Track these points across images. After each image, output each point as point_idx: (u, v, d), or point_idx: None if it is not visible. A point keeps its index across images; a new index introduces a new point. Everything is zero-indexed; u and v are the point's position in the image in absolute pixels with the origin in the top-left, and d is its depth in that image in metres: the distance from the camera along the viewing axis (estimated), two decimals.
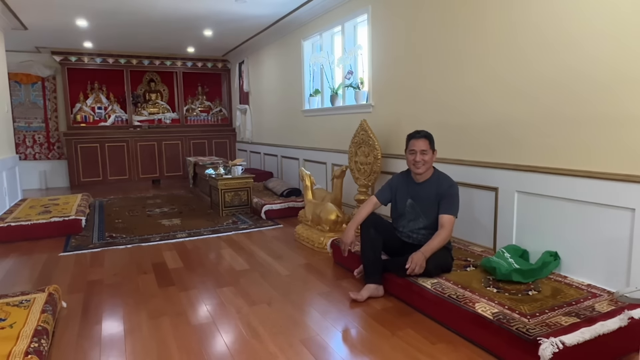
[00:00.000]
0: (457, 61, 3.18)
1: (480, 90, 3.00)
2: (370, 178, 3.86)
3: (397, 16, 3.78)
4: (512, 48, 2.75)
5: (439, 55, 3.33)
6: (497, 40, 2.84)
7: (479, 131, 3.04)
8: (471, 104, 3.09)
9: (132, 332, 2.24)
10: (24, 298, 2.33)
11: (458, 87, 3.19)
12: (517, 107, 2.74)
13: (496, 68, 2.86)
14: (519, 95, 2.72)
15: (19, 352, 1.74)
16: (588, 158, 2.37)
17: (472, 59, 3.05)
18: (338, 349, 2.08)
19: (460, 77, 3.16)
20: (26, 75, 7.51)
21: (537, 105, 2.61)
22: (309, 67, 5.43)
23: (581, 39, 2.36)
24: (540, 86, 2.59)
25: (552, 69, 2.51)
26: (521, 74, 2.70)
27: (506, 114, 2.82)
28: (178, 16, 5.38)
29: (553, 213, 2.58)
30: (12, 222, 4.15)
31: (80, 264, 3.40)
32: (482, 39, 2.95)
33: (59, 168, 7.85)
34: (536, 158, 2.65)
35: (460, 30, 3.13)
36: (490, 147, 2.96)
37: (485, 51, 2.93)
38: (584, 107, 2.37)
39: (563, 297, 2.16)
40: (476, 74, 3.02)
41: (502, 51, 2.82)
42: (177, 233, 4.26)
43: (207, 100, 8.99)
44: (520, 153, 2.75)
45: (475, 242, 3.13)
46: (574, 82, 2.41)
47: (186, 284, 2.91)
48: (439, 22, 3.31)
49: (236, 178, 5.12)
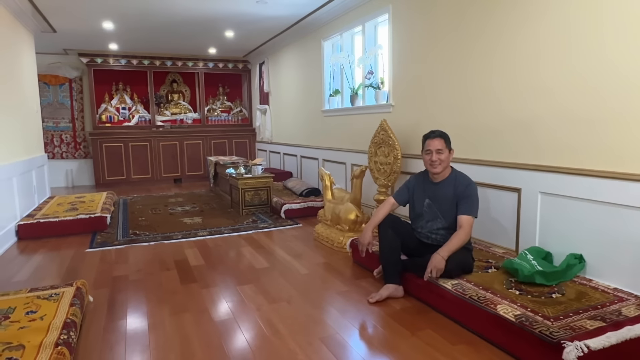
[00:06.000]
0: (477, 61, 3.14)
1: (501, 90, 2.96)
2: (390, 178, 3.85)
3: (418, 16, 3.76)
4: (534, 47, 2.70)
5: (460, 55, 3.30)
6: (519, 39, 2.80)
7: (500, 131, 2.99)
8: (492, 104, 3.05)
9: (155, 327, 2.30)
10: (53, 292, 2.41)
11: (479, 87, 3.15)
12: (540, 107, 2.69)
13: (518, 68, 2.82)
14: (541, 95, 2.67)
15: (50, 343, 1.81)
16: (614, 159, 2.31)
17: (493, 59, 3.01)
18: (357, 347, 2.08)
19: (480, 77, 3.12)
20: (54, 77, 7.76)
21: (561, 105, 2.56)
22: (329, 67, 5.45)
23: (605, 36, 2.30)
24: (564, 85, 2.54)
25: (576, 68, 2.46)
26: (544, 73, 2.65)
27: (528, 114, 2.77)
28: (200, 18, 5.47)
29: (578, 215, 2.53)
30: (41, 219, 4.29)
31: (106, 260, 3.50)
32: (503, 39, 2.91)
33: (85, 167, 8.08)
34: (560, 159, 2.60)
35: (481, 29, 3.09)
36: (511, 148, 2.92)
37: (507, 51, 2.89)
38: (609, 106, 2.31)
39: (588, 300, 2.11)
40: (497, 74, 2.98)
41: (524, 51, 2.77)
42: (199, 231, 4.33)
43: (228, 101, 9.10)
44: (543, 153, 2.70)
45: (497, 243, 3.08)
46: (599, 81, 2.35)
47: (207, 281, 2.97)
48: (460, 22, 3.28)
49: (256, 177, 5.18)
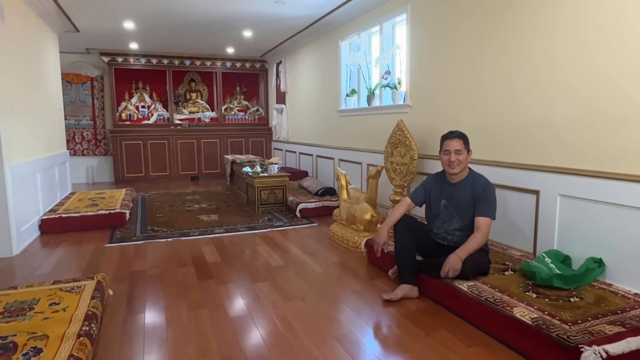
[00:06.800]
0: (496, 61, 3.11)
1: (521, 90, 2.92)
2: (406, 179, 3.84)
3: (437, 15, 3.74)
4: (552, 48, 2.66)
5: (479, 55, 3.27)
6: (538, 40, 2.76)
7: (519, 133, 2.96)
8: (510, 105, 3.01)
9: (173, 321, 2.34)
10: (75, 284, 2.48)
11: (498, 87, 3.12)
12: (561, 107, 2.65)
13: (538, 68, 2.78)
14: (564, 94, 2.63)
15: (72, 334, 1.87)
16: (638, 161, 2.27)
17: (512, 60, 2.97)
18: (371, 346, 2.09)
19: (499, 78, 3.09)
20: (76, 75, 7.94)
21: (583, 105, 2.52)
22: (345, 67, 5.45)
23: (628, 36, 2.26)
24: (587, 84, 2.50)
25: (599, 68, 2.42)
26: (566, 72, 2.61)
27: (549, 114, 2.73)
28: (219, 18, 5.54)
29: (598, 218, 2.48)
30: (63, 214, 4.41)
31: (125, 255, 3.57)
32: (522, 40, 2.88)
33: (105, 164, 8.25)
34: (581, 161, 2.55)
35: (500, 31, 3.06)
36: (531, 149, 2.89)
37: (527, 51, 2.86)
38: (635, 106, 2.27)
39: (607, 305, 2.08)
40: (517, 74, 2.95)
41: (544, 50, 2.73)
42: (215, 228, 4.39)
43: (245, 100, 9.18)
44: (564, 155, 2.66)
45: (514, 245, 3.05)
46: (624, 81, 2.31)
47: (224, 278, 3.01)
48: (479, 23, 3.25)
49: (272, 176, 5.21)
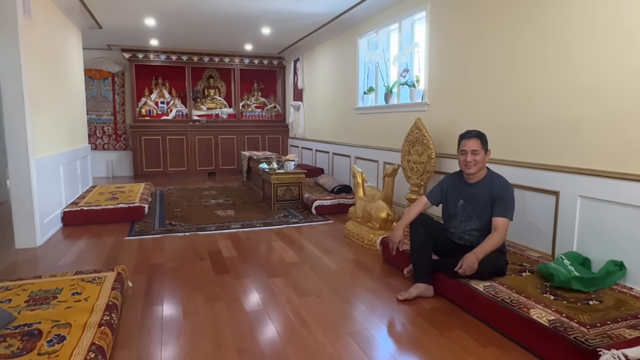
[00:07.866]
0: (515, 60, 3.06)
1: (542, 89, 2.88)
2: (423, 177, 3.82)
3: (456, 13, 3.70)
4: (573, 47, 2.61)
5: (498, 54, 3.23)
6: (557, 39, 2.71)
7: (540, 132, 2.92)
8: (530, 105, 2.97)
9: (189, 313, 2.38)
10: (96, 275, 2.55)
11: (516, 87, 3.07)
12: (584, 107, 2.61)
13: (560, 66, 2.73)
14: (586, 94, 2.59)
15: (94, 323, 1.92)
16: None
17: (531, 59, 2.93)
18: (385, 343, 2.09)
19: (518, 76, 3.05)
20: (98, 71, 8.10)
21: (607, 105, 2.47)
22: (363, 65, 5.43)
23: None
24: (607, 86, 2.44)
25: (620, 67, 2.36)
26: (589, 71, 2.56)
27: (571, 114, 2.69)
28: (238, 15, 5.58)
29: (620, 221, 2.43)
30: (84, 207, 4.52)
31: (143, 248, 3.64)
32: (542, 39, 2.83)
33: (124, 158, 8.41)
34: (603, 162, 2.51)
35: (519, 29, 3.01)
36: (551, 149, 2.84)
37: (546, 51, 2.81)
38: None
39: (628, 309, 2.04)
40: (535, 74, 2.90)
41: (563, 51, 2.69)
42: (231, 224, 4.44)
43: (262, 97, 9.23)
44: (585, 156, 2.61)
45: (532, 247, 3.01)
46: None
47: (240, 272, 3.04)
48: (499, 22, 3.21)
49: (288, 173, 5.24)
